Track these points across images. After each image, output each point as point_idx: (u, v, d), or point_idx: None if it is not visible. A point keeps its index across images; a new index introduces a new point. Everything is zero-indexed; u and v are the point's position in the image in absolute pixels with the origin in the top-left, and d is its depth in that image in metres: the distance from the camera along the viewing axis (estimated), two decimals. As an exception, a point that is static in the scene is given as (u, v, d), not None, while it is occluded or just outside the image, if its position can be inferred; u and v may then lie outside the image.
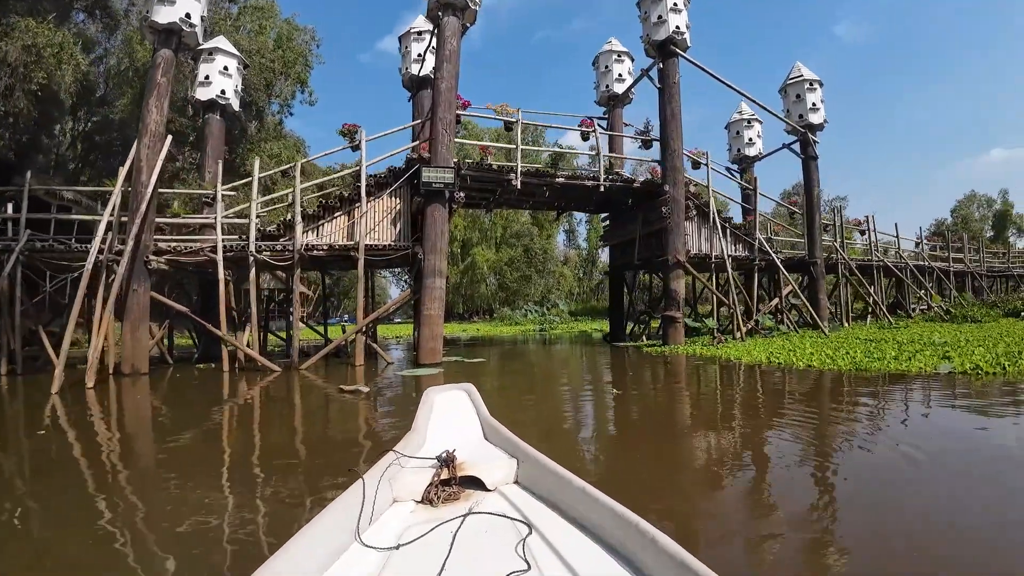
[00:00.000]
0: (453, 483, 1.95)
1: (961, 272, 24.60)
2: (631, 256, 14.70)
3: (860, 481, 3.02)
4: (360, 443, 4.22)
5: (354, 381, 8.44)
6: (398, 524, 1.71)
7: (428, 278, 9.94)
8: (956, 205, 51.54)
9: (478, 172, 11.37)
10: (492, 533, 1.60)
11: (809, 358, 9.17)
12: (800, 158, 17.53)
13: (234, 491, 3.11)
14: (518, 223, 44.51)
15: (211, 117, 13.75)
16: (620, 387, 6.72)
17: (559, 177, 12.17)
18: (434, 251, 10.02)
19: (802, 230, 17.69)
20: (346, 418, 5.52)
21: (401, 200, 11.29)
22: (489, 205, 14.15)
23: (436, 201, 10.26)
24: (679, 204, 13.15)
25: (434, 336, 9.74)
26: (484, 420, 2.62)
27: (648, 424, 4.82)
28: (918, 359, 8.42)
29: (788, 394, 6.22)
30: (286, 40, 28.47)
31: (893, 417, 4.72)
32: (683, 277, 12.93)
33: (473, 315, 44.25)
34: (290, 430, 5.03)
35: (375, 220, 11.16)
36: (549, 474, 1.87)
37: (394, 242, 10.92)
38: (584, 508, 1.62)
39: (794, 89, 17.71)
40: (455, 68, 11.05)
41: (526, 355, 13.11)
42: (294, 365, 10.35)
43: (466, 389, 2.82)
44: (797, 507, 2.68)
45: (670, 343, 12.63)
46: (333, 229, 11.18)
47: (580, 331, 26.19)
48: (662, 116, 13.74)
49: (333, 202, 11.16)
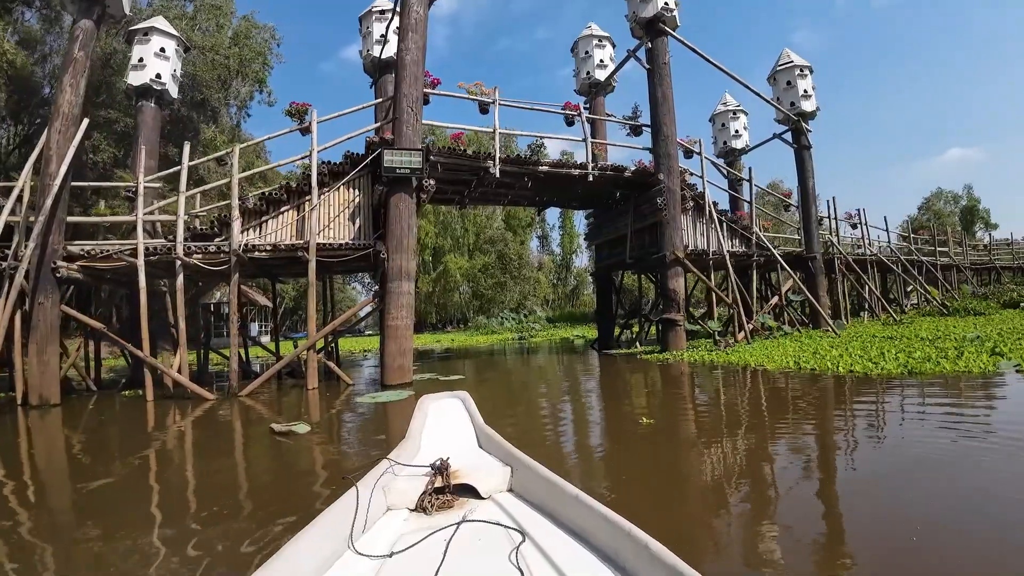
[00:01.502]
0: (447, 491, 1.93)
1: (947, 266, 24.16)
2: (621, 255, 13.33)
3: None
4: (258, 540, 2.58)
5: (300, 412, 6.75)
6: (392, 532, 1.71)
7: (393, 281, 8.30)
8: (923, 202, 52.42)
9: (451, 158, 9.81)
10: (486, 541, 1.58)
11: (842, 361, 7.91)
12: (792, 147, 16.55)
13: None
14: (492, 228, 43.12)
15: (144, 104, 11.82)
16: (647, 414, 5.23)
17: (542, 165, 10.71)
18: (400, 249, 8.40)
19: (793, 224, 16.69)
20: (259, 488, 3.77)
21: (361, 192, 9.63)
22: (463, 200, 12.59)
23: (401, 190, 8.65)
24: (675, 195, 11.86)
25: (402, 351, 8.09)
26: (478, 428, 2.59)
27: (742, 487, 2.99)
28: (967, 358, 7.30)
29: (881, 414, 4.82)
30: (243, 37, 26.83)
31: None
32: (682, 275, 11.60)
33: (447, 325, 42.46)
34: (171, 512, 3.35)
35: (330, 215, 9.47)
36: (543, 482, 1.84)
37: (353, 240, 9.25)
38: (578, 516, 1.61)
39: (784, 76, 16.76)
40: (422, 39, 9.51)
41: (511, 369, 11.53)
42: (232, 391, 8.56)
43: (460, 397, 2.81)
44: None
45: (671, 349, 11.25)
46: (279, 226, 9.44)
47: (561, 338, 24.76)
48: (652, 99, 12.46)
49: (278, 194, 9.44)
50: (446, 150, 9.69)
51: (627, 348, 13.71)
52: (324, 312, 12.65)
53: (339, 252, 9.02)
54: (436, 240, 40.86)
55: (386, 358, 8.06)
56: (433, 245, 40.84)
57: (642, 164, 12.46)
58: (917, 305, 21.66)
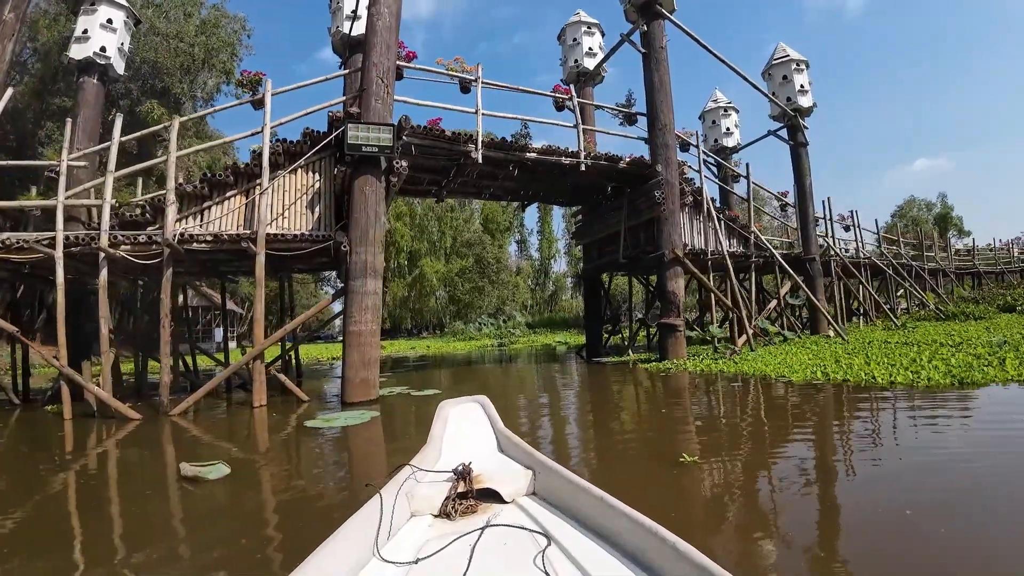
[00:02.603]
0: (470, 496, 1.92)
1: (933, 270, 23.84)
2: (613, 254, 12.24)
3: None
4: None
5: (234, 438, 5.41)
6: (416, 538, 1.70)
7: (357, 279, 6.99)
8: (896, 209, 53.04)
9: (427, 139, 8.56)
10: (511, 545, 1.57)
11: (875, 371, 6.93)
12: (788, 144, 15.78)
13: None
14: (469, 231, 41.88)
15: (85, 80, 10.31)
16: (682, 446, 4.06)
17: (530, 152, 9.55)
18: (365, 241, 7.11)
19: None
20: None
21: (322, 176, 8.32)
22: (441, 191, 11.33)
23: (368, 172, 7.38)
24: (674, 188, 10.83)
25: (367, 361, 6.77)
26: (499, 432, 2.56)
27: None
28: (1010, 365, 6.53)
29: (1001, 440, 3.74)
30: (212, 26, 25.46)
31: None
32: (682, 276, 10.55)
33: (422, 330, 40.91)
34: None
35: (284, 202, 8.13)
36: (566, 484, 1.85)
37: (311, 231, 7.91)
38: (603, 517, 1.60)
39: (780, 70, 16.01)
40: (396, 4, 8.29)
41: (495, 381, 10.26)
42: (164, 409, 7.15)
43: (480, 401, 2.77)
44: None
45: (670, 357, 10.16)
46: (225, 214, 8.07)
47: (543, 345, 23.63)
48: (648, 85, 11.45)
49: (224, 177, 8.06)
50: (421, 130, 8.44)
51: (618, 356, 12.60)
52: (283, 317, 11.21)
53: (293, 244, 7.68)
54: (412, 244, 39.43)
55: (347, 370, 6.73)
56: (409, 248, 39.40)
57: (636, 158, 11.40)
58: (907, 310, 21.16)
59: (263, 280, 7.38)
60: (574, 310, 42.93)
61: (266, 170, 7.84)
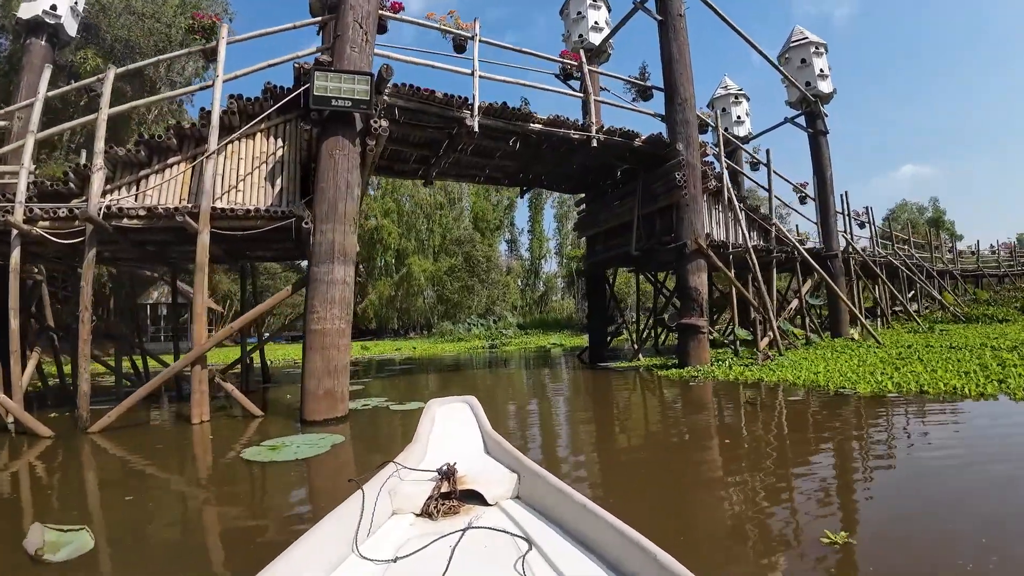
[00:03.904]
0: (453, 496, 1.89)
1: (942, 271, 22.91)
2: (623, 246, 10.90)
3: None
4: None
5: (151, 468, 3.97)
6: (397, 536, 1.67)
7: (321, 263, 5.55)
8: (888, 213, 52.61)
9: (414, 101, 7.16)
10: (491, 548, 1.55)
11: (951, 380, 5.70)
12: (808, 132, 14.63)
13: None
14: (459, 228, 40.43)
15: (33, 42, 8.88)
16: (815, 511, 2.70)
17: (534, 122, 8.17)
18: (332, 217, 5.68)
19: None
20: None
21: (287, 142, 6.86)
22: (429, 171, 9.90)
23: (339, 132, 5.95)
24: (696, 170, 9.52)
25: (332, 369, 5.32)
26: (486, 433, 2.50)
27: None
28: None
29: None
30: (192, 7, 23.94)
31: None
32: (705, 270, 9.23)
33: (410, 331, 39.28)
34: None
35: (240, 171, 6.67)
36: (550, 489, 1.81)
37: (270, 206, 6.45)
38: (585, 525, 1.57)
39: (797, 54, 14.85)
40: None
41: (491, 392, 8.76)
42: (83, 425, 5.69)
43: (468, 401, 2.73)
44: None
45: (692, 363, 8.84)
46: (165, 185, 6.59)
47: (537, 347, 22.26)
48: (664, 56, 10.15)
49: (165, 139, 6.59)
50: (408, 89, 7.03)
51: (626, 360, 11.27)
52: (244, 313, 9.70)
53: (245, 222, 6.21)
54: (400, 241, 37.91)
55: (307, 380, 5.27)
56: (396, 246, 37.88)
57: (653, 135, 10.07)
58: (919, 311, 20.17)
59: (206, 266, 5.91)
60: (565, 311, 41.71)
61: (215, 129, 6.39)
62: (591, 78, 9.27)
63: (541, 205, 46.99)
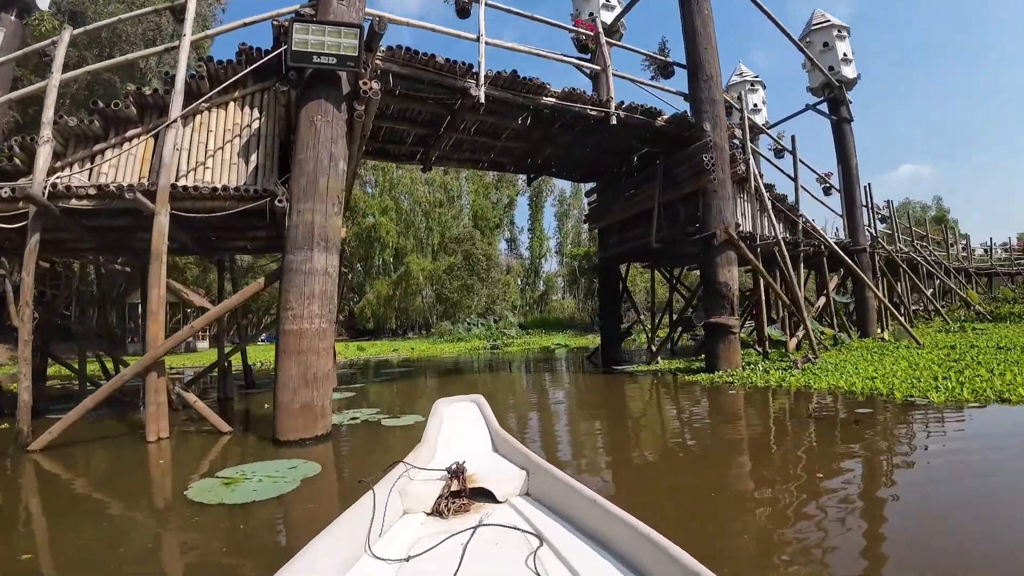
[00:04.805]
0: (463, 495, 1.87)
1: (957, 269, 22.07)
2: (641, 238, 9.96)
3: None
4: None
5: (81, 500, 3.04)
6: (408, 536, 1.65)
7: (298, 250, 4.60)
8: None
9: (412, 67, 6.21)
10: (503, 545, 1.53)
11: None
12: (831, 120, 13.74)
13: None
14: (458, 226, 39.47)
15: (3, 17, 8.12)
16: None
17: (548, 95, 7.23)
18: (312, 194, 4.73)
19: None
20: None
21: (264, 113, 5.92)
22: (428, 155, 8.94)
23: (321, 94, 5.02)
24: (724, 153, 8.61)
25: (310, 378, 4.34)
26: (494, 431, 2.48)
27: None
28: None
29: None
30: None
31: None
32: (735, 263, 8.31)
33: (408, 331, 38.29)
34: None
35: (209, 145, 5.72)
36: (560, 485, 1.79)
37: (244, 184, 5.51)
38: (595, 520, 1.55)
39: (820, 36, 13.96)
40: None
41: (500, 401, 7.88)
42: (24, 441, 4.78)
43: (475, 400, 2.69)
44: None
45: (722, 366, 7.92)
46: (122, 160, 5.65)
47: (541, 347, 21.33)
48: (687, 31, 9.22)
49: (123, 107, 5.65)
50: (405, 53, 6.09)
51: (644, 364, 10.34)
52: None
53: (211, 202, 5.25)
54: (398, 240, 36.97)
55: (280, 392, 4.30)
56: (395, 245, 36.96)
57: (678, 114, 9.12)
58: (936, 310, 19.31)
59: (163, 254, 4.97)
60: (566, 311, 40.81)
61: (179, 94, 5.47)
62: (613, 42, 8.30)
63: (541, 204, 46.22)
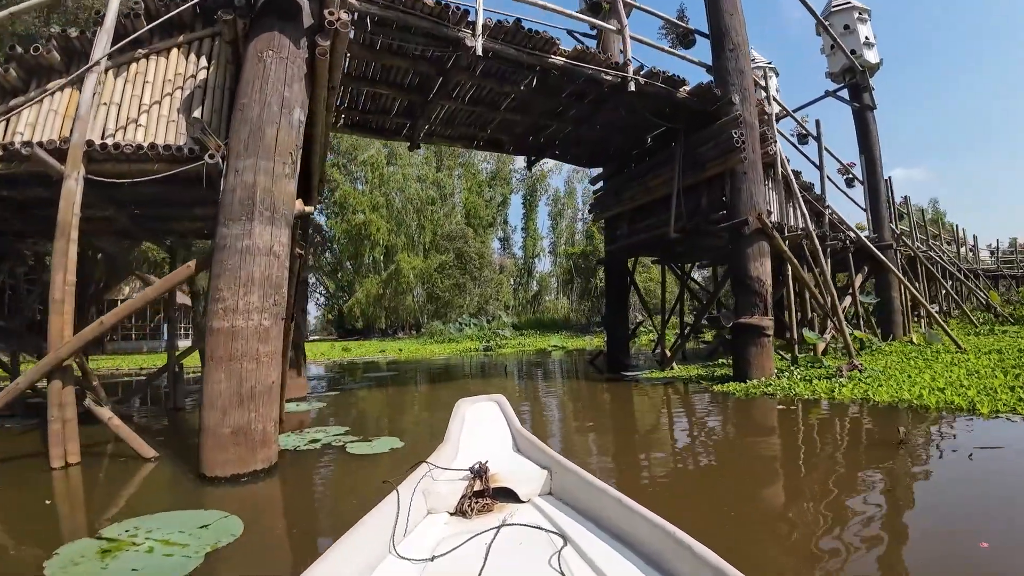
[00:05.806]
0: (486, 494, 1.87)
1: (969, 270, 21.28)
2: (649, 230, 8.93)
3: None
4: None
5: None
6: (432, 536, 1.65)
7: (234, 221, 3.43)
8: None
9: (395, 10, 5.12)
10: (526, 545, 1.53)
11: None
12: (853, 107, 12.78)
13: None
14: (451, 223, 38.33)
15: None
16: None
17: (557, 55, 6.16)
18: (257, 148, 3.59)
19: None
20: None
21: (214, 61, 4.80)
22: (416, 128, 7.82)
23: (275, 26, 3.91)
24: (755, 130, 7.58)
25: (245, 396, 3.10)
26: (515, 431, 2.48)
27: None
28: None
29: None
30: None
31: None
32: (768, 255, 7.27)
33: (398, 331, 37.07)
34: None
35: (145, 99, 4.57)
36: (583, 485, 1.79)
37: (183, 144, 4.38)
38: (619, 519, 1.54)
39: (840, 19, 13.00)
40: None
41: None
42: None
43: (496, 400, 2.67)
44: None
45: (754, 374, 6.87)
46: (43, 116, 4.49)
47: (536, 349, 20.28)
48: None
49: (43, 55, 4.50)
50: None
51: (659, 370, 9.26)
52: (166, 309, 7.59)
53: (137, 164, 4.12)
54: (388, 238, 35.82)
55: (206, 411, 3.11)
56: (385, 243, 35.77)
57: (702, 84, 8.04)
58: (949, 312, 18.49)
59: (70, 226, 3.84)
60: (560, 311, 39.83)
61: (106, 32, 4.35)
62: (622, 10, 7.22)
63: (535, 202, 45.40)
